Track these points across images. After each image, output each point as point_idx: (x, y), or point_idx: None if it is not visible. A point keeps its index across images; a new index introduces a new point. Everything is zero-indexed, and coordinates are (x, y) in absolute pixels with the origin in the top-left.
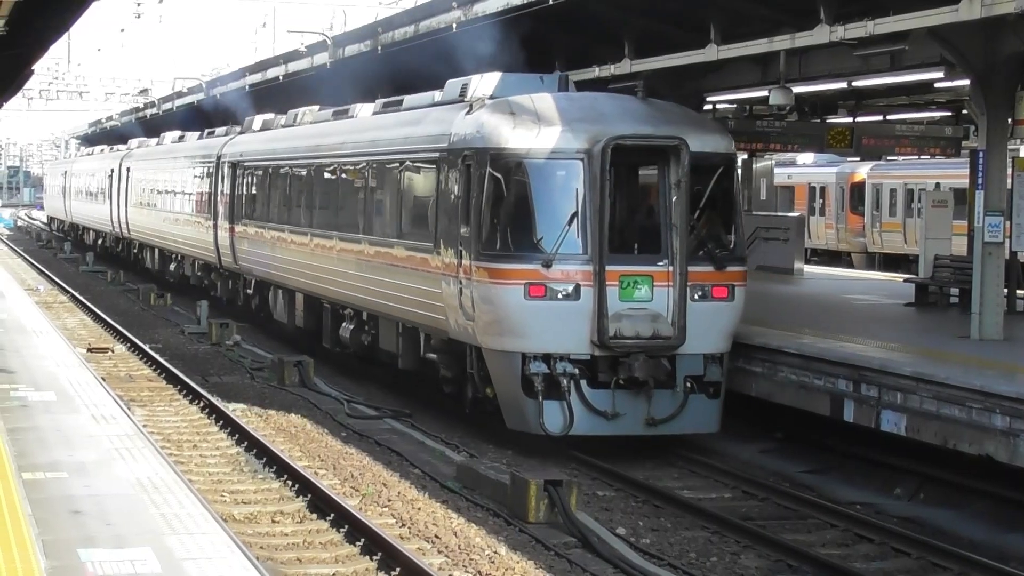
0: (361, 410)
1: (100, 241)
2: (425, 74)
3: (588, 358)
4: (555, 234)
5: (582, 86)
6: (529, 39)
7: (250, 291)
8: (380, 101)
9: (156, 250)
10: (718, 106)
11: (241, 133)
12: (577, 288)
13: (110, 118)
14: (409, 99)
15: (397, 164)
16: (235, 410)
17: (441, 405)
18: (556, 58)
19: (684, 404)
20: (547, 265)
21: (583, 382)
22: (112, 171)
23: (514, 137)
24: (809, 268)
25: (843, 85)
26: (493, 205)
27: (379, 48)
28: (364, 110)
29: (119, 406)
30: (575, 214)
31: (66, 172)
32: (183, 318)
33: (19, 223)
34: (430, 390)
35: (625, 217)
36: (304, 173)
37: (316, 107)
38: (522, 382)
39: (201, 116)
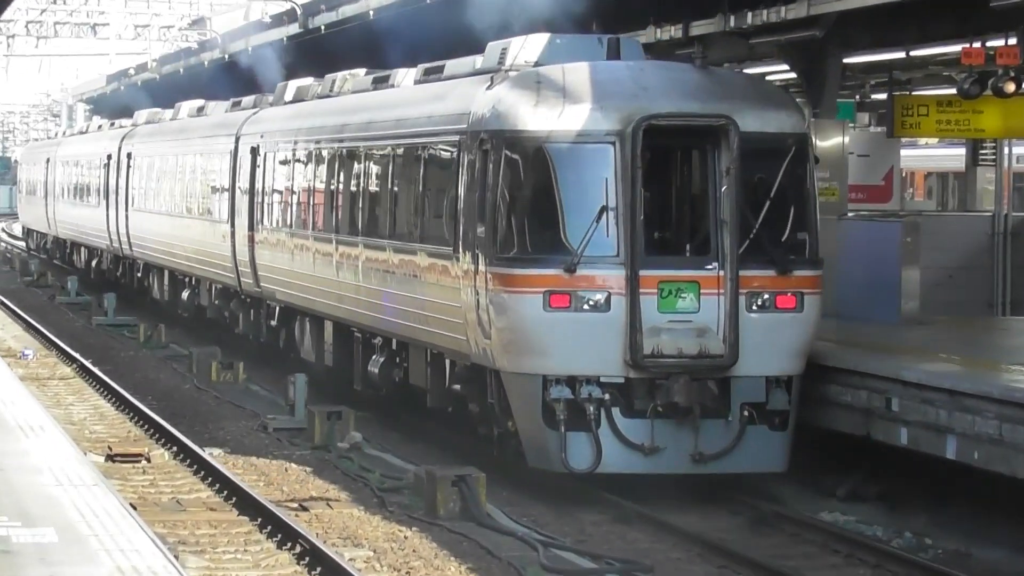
0: (568, 560)
1: (95, 263)
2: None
3: (621, 381)
4: (581, 233)
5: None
6: None
7: (274, 322)
8: (421, 66)
9: (165, 273)
10: None
11: (272, 105)
12: (607, 297)
13: (143, 67)
14: (451, 65)
15: (420, 150)
16: (354, 559)
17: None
18: None
19: (740, 437)
20: (571, 270)
21: (615, 409)
22: (109, 157)
23: (534, 117)
24: None
25: None
26: (509, 199)
27: None
28: (407, 78)
29: (161, 553)
30: (604, 208)
31: (49, 160)
32: (264, 403)
33: None
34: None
35: (668, 212)
36: (330, 161)
37: (362, 71)
38: (543, 410)
39: (299, 61)
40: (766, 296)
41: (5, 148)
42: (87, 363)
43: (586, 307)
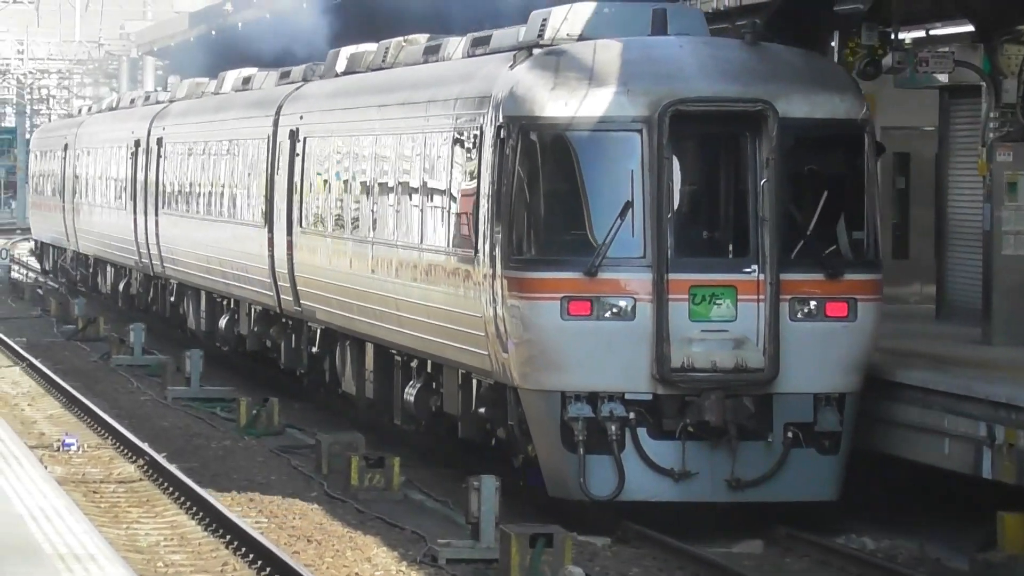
0: None
1: (123, 286)
2: None
3: (648, 398)
4: (603, 231)
5: None
6: None
7: (315, 349)
8: (470, 36)
9: (202, 295)
10: None
11: (321, 78)
12: (633, 304)
13: (246, 1)
14: (498, 35)
15: (448, 137)
16: None
17: None
18: None
19: (783, 461)
20: (592, 273)
21: (640, 430)
22: (137, 144)
23: (552, 101)
24: None
25: None
26: (525, 193)
27: None
28: (458, 49)
29: None
30: (630, 204)
31: (68, 146)
32: (432, 519)
33: (13, 269)
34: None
35: (702, 208)
36: (365, 149)
37: (423, 37)
38: (561, 431)
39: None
40: (813, 303)
41: (34, 125)
42: (159, 458)
43: (608, 315)
